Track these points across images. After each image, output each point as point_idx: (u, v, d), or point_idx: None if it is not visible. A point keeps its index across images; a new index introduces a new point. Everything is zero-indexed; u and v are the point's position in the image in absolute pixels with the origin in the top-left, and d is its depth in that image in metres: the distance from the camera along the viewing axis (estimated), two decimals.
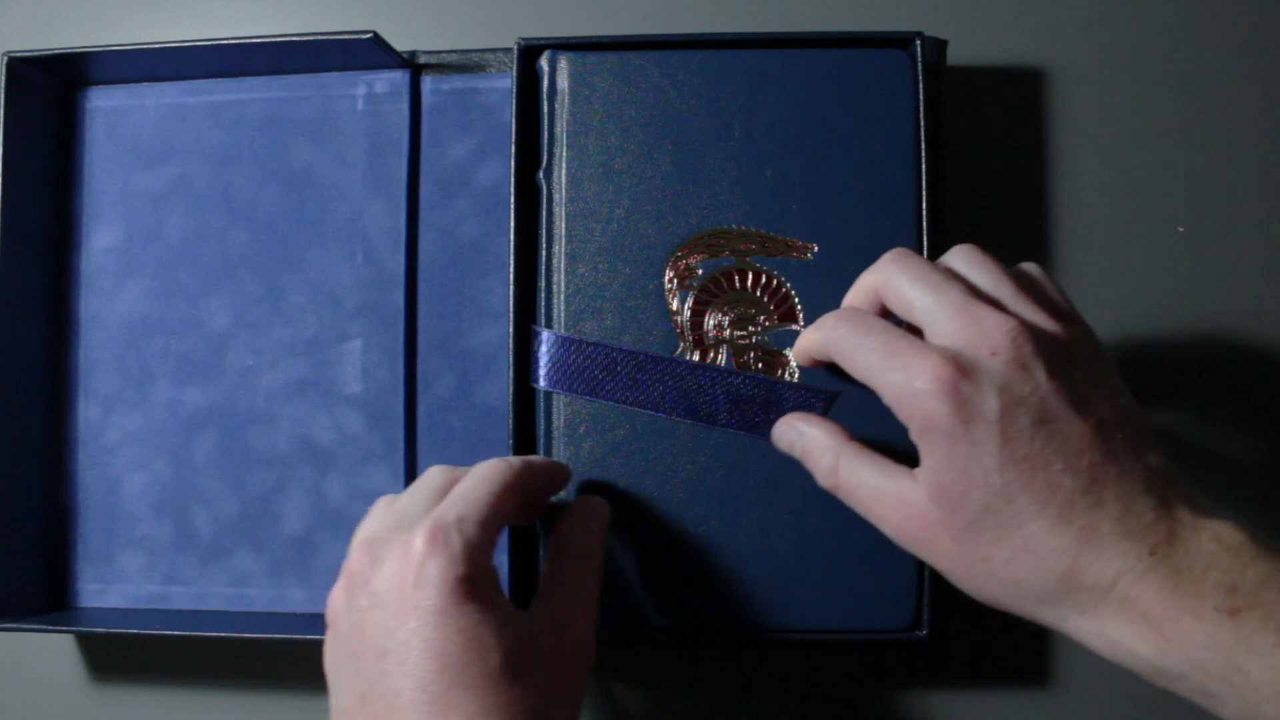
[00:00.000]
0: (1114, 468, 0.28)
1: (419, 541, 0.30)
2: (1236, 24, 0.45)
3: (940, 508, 0.30)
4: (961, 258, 0.33)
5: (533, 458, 0.36)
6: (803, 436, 0.35)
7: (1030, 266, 0.33)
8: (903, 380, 0.30)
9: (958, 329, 0.30)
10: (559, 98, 0.40)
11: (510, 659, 0.29)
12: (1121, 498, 0.28)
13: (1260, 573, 0.27)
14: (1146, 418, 0.31)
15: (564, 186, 0.40)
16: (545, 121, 0.41)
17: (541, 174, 0.40)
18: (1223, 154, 0.45)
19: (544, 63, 0.41)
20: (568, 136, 0.40)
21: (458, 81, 0.45)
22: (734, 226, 0.40)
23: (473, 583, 0.30)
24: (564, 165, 0.40)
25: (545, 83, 0.41)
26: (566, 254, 0.40)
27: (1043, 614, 0.29)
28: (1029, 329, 0.29)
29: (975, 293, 0.31)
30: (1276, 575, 0.27)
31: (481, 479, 0.33)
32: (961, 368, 0.29)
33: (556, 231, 0.40)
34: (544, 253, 0.40)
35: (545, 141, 0.40)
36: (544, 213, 0.40)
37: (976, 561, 0.29)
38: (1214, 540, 0.28)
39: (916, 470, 0.31)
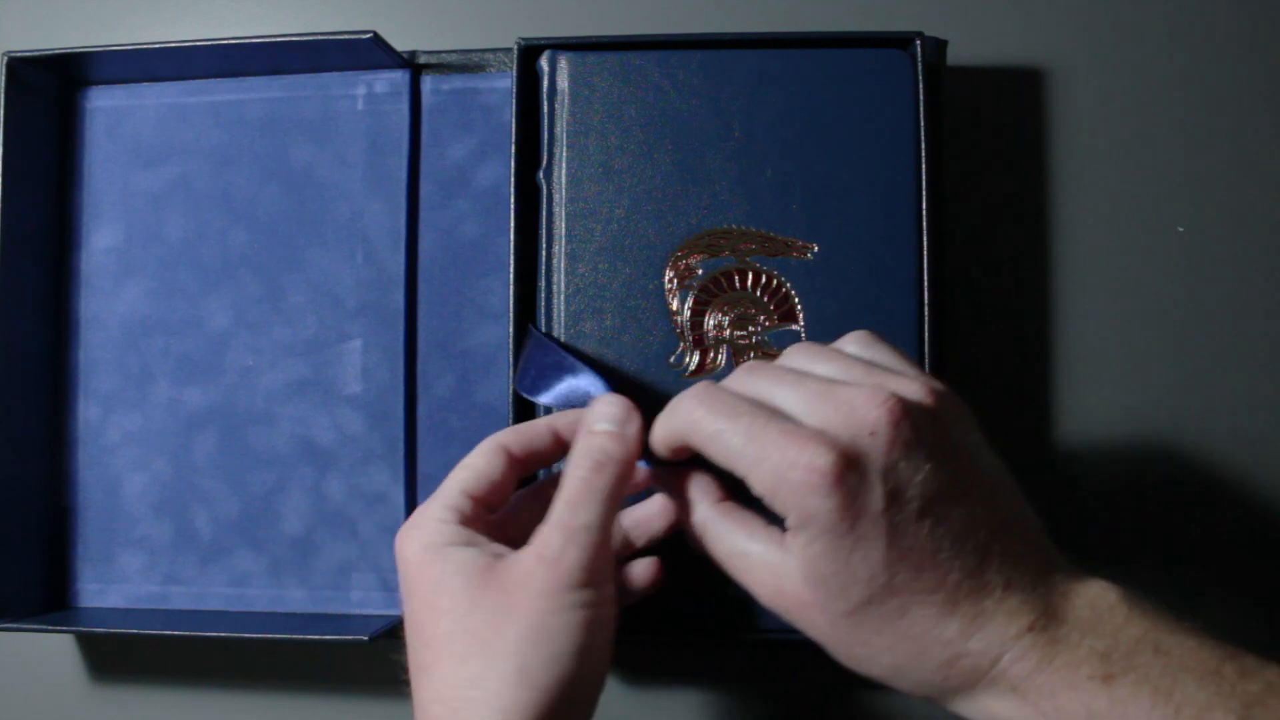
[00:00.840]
0: (998, 544, 0.27)
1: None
2: (1236, 24, 0.45)
3: (818, 594, 0.28)
4: (799, 353, 0.31)
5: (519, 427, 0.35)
6: (674, 494, 0.32)
7: (863, 334, 0.32)
8: (777, 470, 0.27)
9: (828, 413, 0.28)
10: (559, 98, 0.40)
11: (457, 612, 0.30)
12: (1004, 572, 0.27)
13: (1134, 635, 0.26)
14: (1009, 472, 0.30)
15: (564, 186, 0.40)
16: (545, 121, 0.41)
17: (541, 174, 0.40)
18: (1223, 154, 0.45)
19: (544, 63, 0.41)
20: (568, 136, 0.40)
21: (458, 81, 0.45)
22: (734, 226, 0.40)
23: (426, 551, 0.31)
24: (564, 165, 0.40)
25: (545, 83, 0.41)
26: (566, 254, 0.40)
27: (923, 694, 0.28)
28: (901, 401, 0.27)
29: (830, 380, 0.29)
30: (1150, 635, 0.26)
31: (459, 466, 0.34)
32: (843, 455, 0.27)
33: (556, 231, 0.40)
34: (544, 253, 0.40)
35: (545, 141, 0.40)
36: (544, 213, 0.40)
37: (854, 645, 0.28)
38: (1089, 605, 0.27)
39: (789, 540, 0.28)
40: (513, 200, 0.40)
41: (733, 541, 0.30)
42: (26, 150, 0.44)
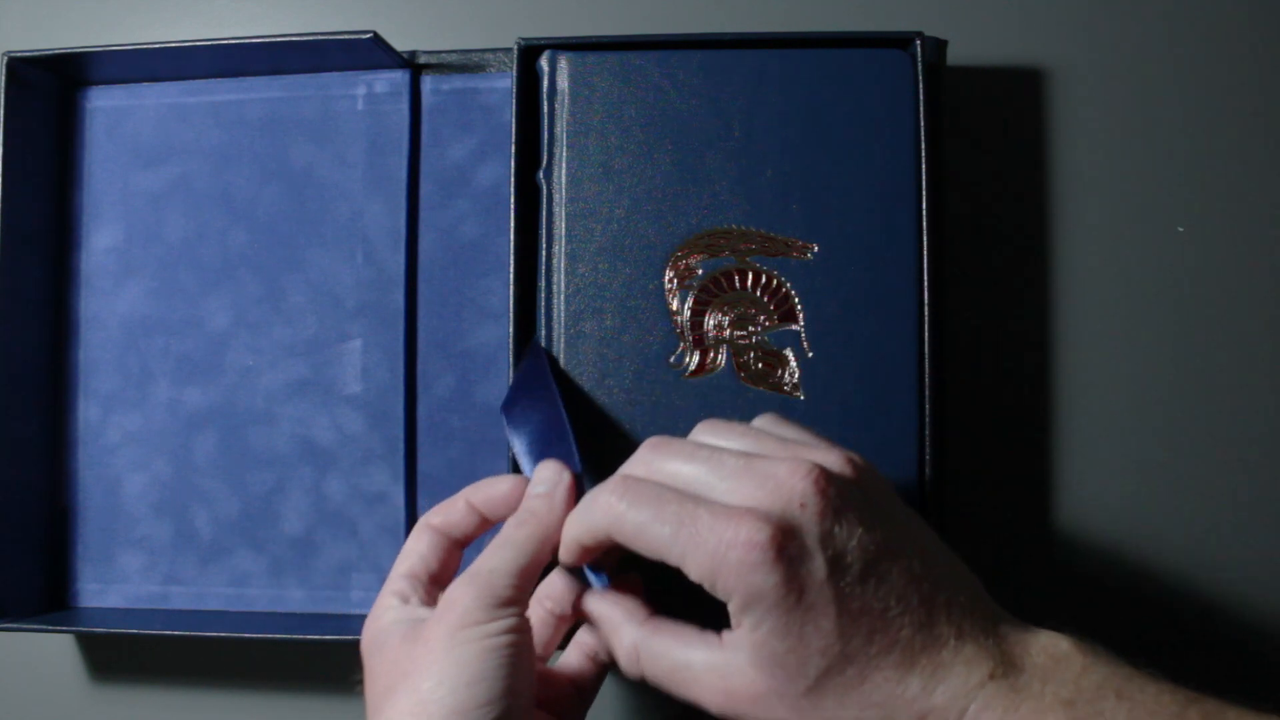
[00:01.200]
0: (942, 596, 0.27)
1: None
2: (1236, 24, 0.45)
3: (773, 678, 0.27)
4: (707, 430, 0.31)
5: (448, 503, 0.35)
6: (598, 619, 0.32)
7: (770, 415, 0.32)
8: (715, 553, 0.27)
9: (752, 489, 0.27)
10: (559, 98, 0.40)
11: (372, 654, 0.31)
12: (954, 622, 0.27)
13: (1094, 681, 0.26)
14: (935, 533, 0.30)
15: (564, 186, 0.40)
16: (545, 121, 0.40)
17: (542, 174, 0.40)
18: (1223, 154, 0.45)
19: (544, 63, 0.41)
20: (568, 136, 0.40)
21: (458, 81, 0.45)
22: (734, 226, 0.39)
23: (374, 636, 0.31)
24: (564, 165, 0.40)
25: (545, 82, 0.41)
26: (566, 254, 0.40)
27: None
28: (824, 471, 0.27)
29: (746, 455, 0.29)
30: (1110, 682, 0.26)
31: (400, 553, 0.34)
32: (779, 528, 0.26)
33: (556, 231, 0.40)
34: (544, 253, 0.40)
35: (545, 141, 0.40)
36: (544, 213, 0.40)
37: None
38: (1043, 653, 0.27)
39: (728, 635, 0.28)
40: (512, 200, 0.40)
41: (671, 657, 0.29)
42: (26, 150, 0.44)
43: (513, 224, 0.40)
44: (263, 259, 0.45)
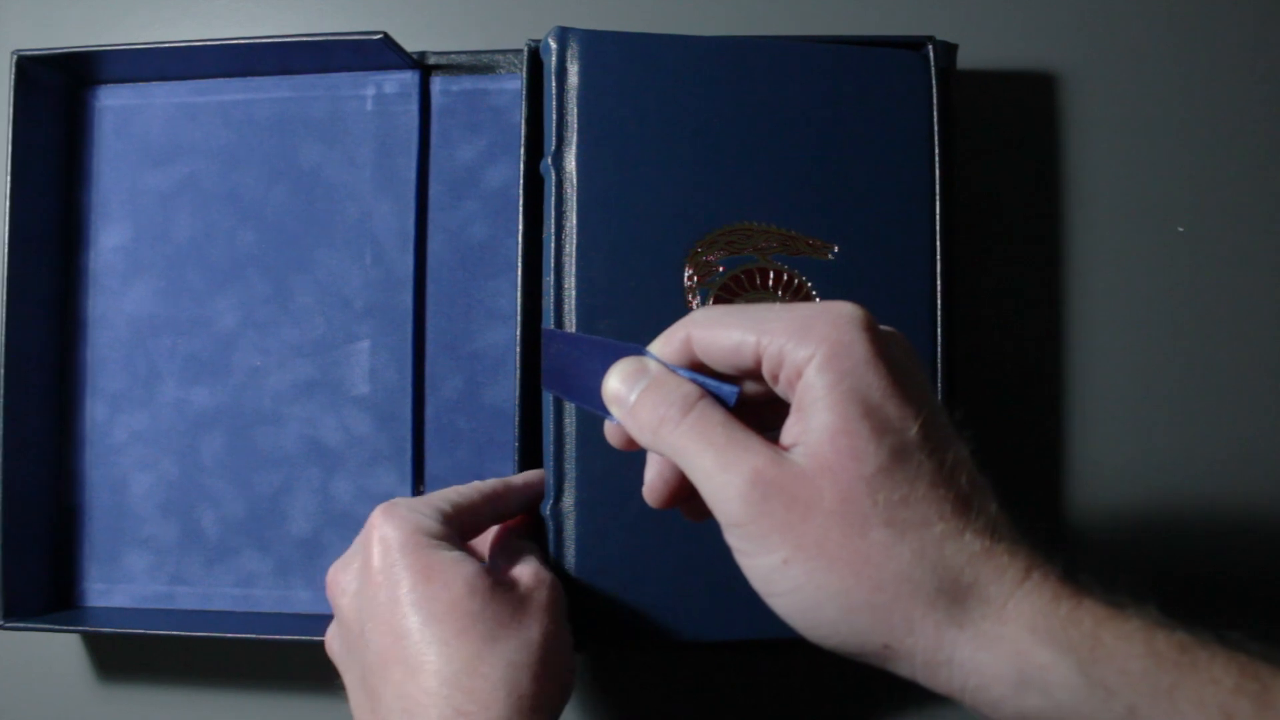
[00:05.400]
0: (981, 490, 0.26)
1: (373, 518, 0.33)
2: (1244, 30, 0.45)
3: (842, 452, 0.24)
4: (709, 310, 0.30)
5: (516, 478, 0.38)
6: (643, 373, 0.28)
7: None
8: (805, 316, 0.25)
9: (805, 313, 0.26)
10: (568, 79, 0.38)
11: (466, 594, 0.31)
12: (997, 521, 0.25)
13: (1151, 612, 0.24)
14: None
15: (575, 174, 0.38)
16: (553, 104, 0.38)
17: (549, 161, 0.38)
18: (1231, 157, 0.45)
19: (551, 41, 0.38)
20: (579, 120, 0.38)
21: (467, 83, 0.44)
22: (754, 223, 0.38)
23: (418, 538, 0.32)
24: (574, 150, 0.38)
25: (554, 61, 0.38)
26: (578, 248, 0.38)
27: (934, 619, 0.24)
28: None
29: None
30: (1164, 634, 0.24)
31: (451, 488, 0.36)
32: (866, 313, 0.26)
33: (567, 224, 0.38)
34: (551, 246, 0.38)
35: (553, 125, 0.38)
36: (550, 205, 0.38)
37: (871, 525, 0.24)
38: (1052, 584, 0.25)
39: (795, 416, 0.26)
40: (521, 202, 0.40)
41: (720, 429, 0.26)
42: (35, 149, 0.44)
43: (521, 225, 0.40)
44: (271, 259, 0.45)
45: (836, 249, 0.38)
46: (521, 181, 0.40)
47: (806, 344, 0.25)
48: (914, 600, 0.24)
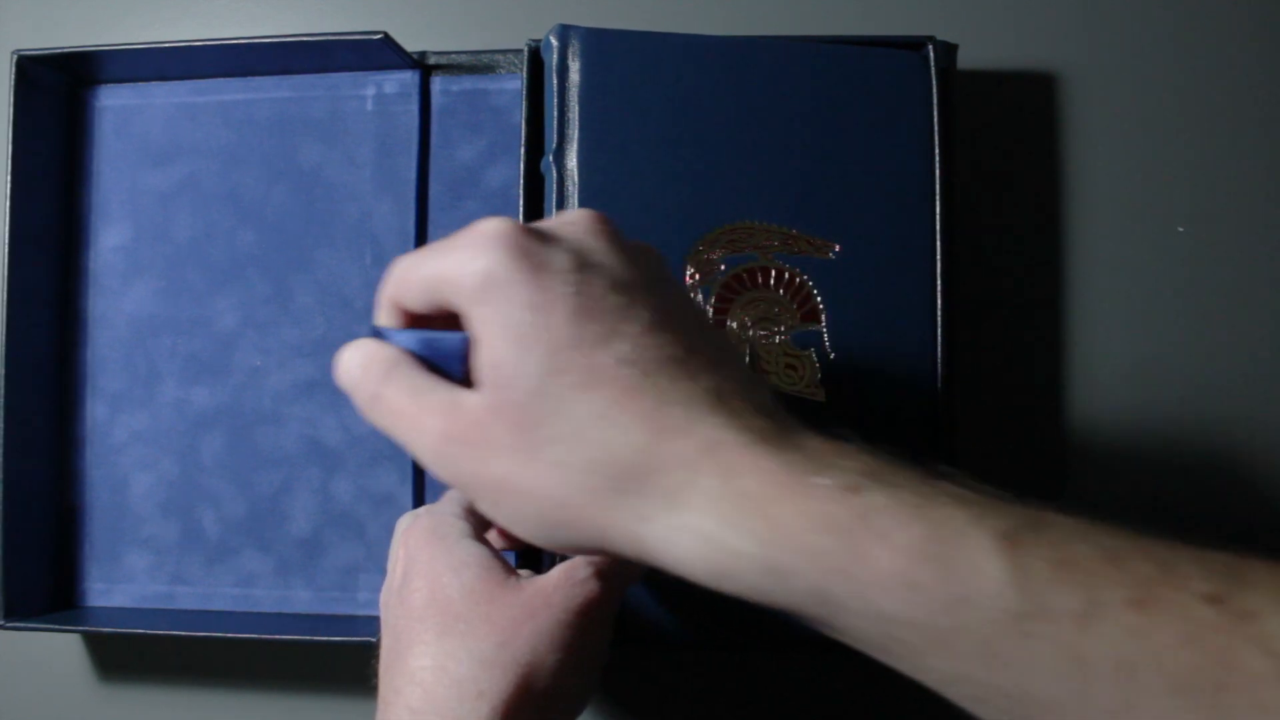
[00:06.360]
0: (704, 356, 0.25)
1: (400, 522, 0.34)
2: (1243, 30, 0.45)
3: (500, 384, 0.24)
4: None
5: None
6: (358, 352, 0.28)
7: None
8: (456, 260, 0.25)
9: (453, 243, 0.25)
10: (570, 77, 0.38)
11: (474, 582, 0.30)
12: (716, 380, 0.24)
13: (874, 462, 0.23)
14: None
15: (576, 171, 0.38)
16: (554, 102, 0.38)
17: (550, 158, 0.38)
18: (1231, 157, 0.45)
19: (552, 38, 0.38)
20: (580, 118, 0.38)
21: (467, 83, 0.44)
22: (756, 222, 0.38)
23: (448, 525, 0.32)
24: (575, 147, 0.38)
25: (555, 58, 0.38)
26: None
27: (620, 519, 0.23)
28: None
29: None
30: (894, 463, 0.23)
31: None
32: (524, 228, 0.25)
33: None
34: None
35: (554, 123, 0.38)
36: (552, 202, 0.38)
37: (539, 446, 0.24)
38: (818, 438, 0.24)
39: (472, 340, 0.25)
40: (521, 204, 0.40)
41: (414, 380, 0.26)
42: (35, 149, 0.44)
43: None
44: (271, 259, 0.45)
45: (837, 248, 0.39)
46: (521, 181, 0.40)
47: (461, 277, 0.25)
48: (598, 506, 0.24)
